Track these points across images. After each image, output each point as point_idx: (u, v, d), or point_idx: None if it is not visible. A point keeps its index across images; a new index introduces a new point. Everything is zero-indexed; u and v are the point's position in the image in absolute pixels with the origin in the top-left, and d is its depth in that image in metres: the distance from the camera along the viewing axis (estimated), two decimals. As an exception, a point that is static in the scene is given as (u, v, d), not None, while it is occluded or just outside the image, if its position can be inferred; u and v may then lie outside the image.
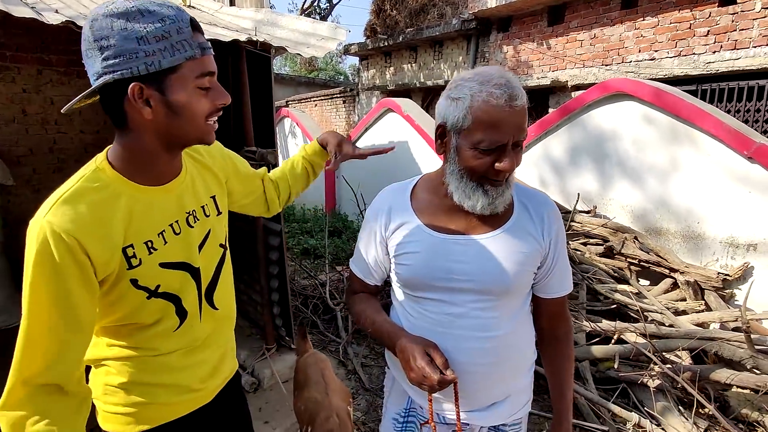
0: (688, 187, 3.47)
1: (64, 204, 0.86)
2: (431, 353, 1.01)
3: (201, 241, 1.07)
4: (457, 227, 1.10)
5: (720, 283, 3.11)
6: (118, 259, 0.91)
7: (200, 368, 1.13)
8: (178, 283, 1.02)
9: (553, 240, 1.11)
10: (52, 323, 0.85)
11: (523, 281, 1.11)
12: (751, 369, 2.56)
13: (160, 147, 0.94)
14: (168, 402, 1.09)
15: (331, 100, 12.97)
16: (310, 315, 3.83)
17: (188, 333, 1.07)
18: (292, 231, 6.77)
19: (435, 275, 1.09)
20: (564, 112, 4.19)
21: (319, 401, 1.99)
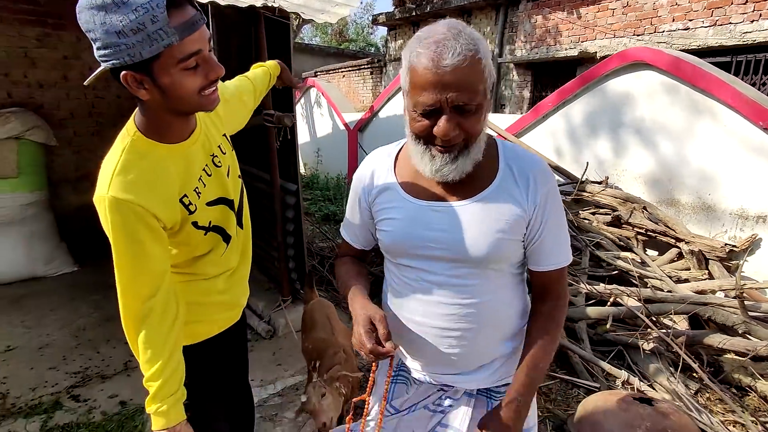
0: (702, 157, 3.45)
1: (120, 177, 0.99)
2: (375, 323, 1.01)
3: (226, 176, 1.26)
4: (437, 193, 1.06)
5: (725, 254, 3.13)
6: (179, 209, 1.10)
7: (239, 287, 1.40)
8: (221, 216, 1.23)
9: (539, 206, 1.02)
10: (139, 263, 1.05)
11: (505, 251, 1.04)
12: (744, 334, 2.62)
13: (169, 116, 1.05)
14: (215, 319, 1.34)
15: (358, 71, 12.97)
16: (326, 274, 4.05)
17: (229, 256, 1.31)
18: (315, 198, 6.99)
19: (412, 243, 1.07)
20: (582, 81, 4.17)
21: (325, 339, 2.20)
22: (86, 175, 5.00)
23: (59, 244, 4.29)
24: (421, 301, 1.10)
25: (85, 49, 4.78)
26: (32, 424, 2.30)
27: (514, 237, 1.04)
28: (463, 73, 0.88)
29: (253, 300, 3.46)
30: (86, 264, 4.39)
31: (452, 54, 0.88)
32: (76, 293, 3.79)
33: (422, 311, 1.10)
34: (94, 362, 2.85)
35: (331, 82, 12.04)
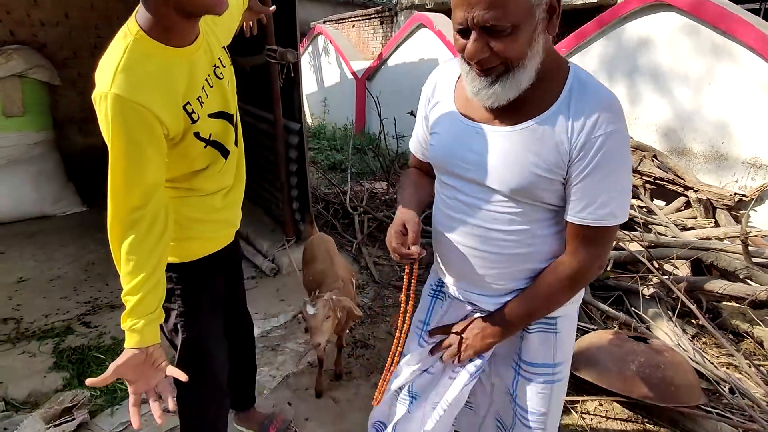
0: (718, 104, 3.34)
1: (123, 75, 0.96)
2: (408, 226, 1.07)
3: (227, 89, 1.24)
4: (486, 116, 1.02)
5: (733, 202, 3.08)
6: (182, 116, 1.07)
7: (234, 207, 1.40)
8: (222, 130, 1.22)
9: (586, 149, 0.91)
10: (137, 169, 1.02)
11: (536, 187, 0.97)
12: (745, 279, 2.62)
13: (177, 15, 1.02)
14: (215, 236, 1.35)
15: (368, 20, 12.52)
16: (331, 218, 4.08)
17: (226, 173, 1.30)
18: (321, 147, 6.94)
19: (450, 161, 1.08)
20: (600, 24, 4.00)
21: (324, 270, 2.24)
22: (91, 116, 4.95)
23: (67, 184, 4.34)
24: (453, 219, 1.11)
25: (87, -14, 4.65)
26: (45, 346, 2.40)
27: (549, 176, 0.96)
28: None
29: (258, 240, 3.50)
30: (94, 205, 4.45)
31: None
32: (85, 231, 3.86)
33: (454, 229, 1.11)
34: (103, 294, 2.94)
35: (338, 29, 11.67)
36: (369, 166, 5.67)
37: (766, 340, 2.56)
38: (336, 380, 2.31)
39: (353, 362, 2.47)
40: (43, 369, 2.22)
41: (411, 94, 6.30)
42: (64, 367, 2.22)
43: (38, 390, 2.09)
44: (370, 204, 4.26)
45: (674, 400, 2.00)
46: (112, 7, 4.87)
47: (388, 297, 3.13)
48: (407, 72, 6.43)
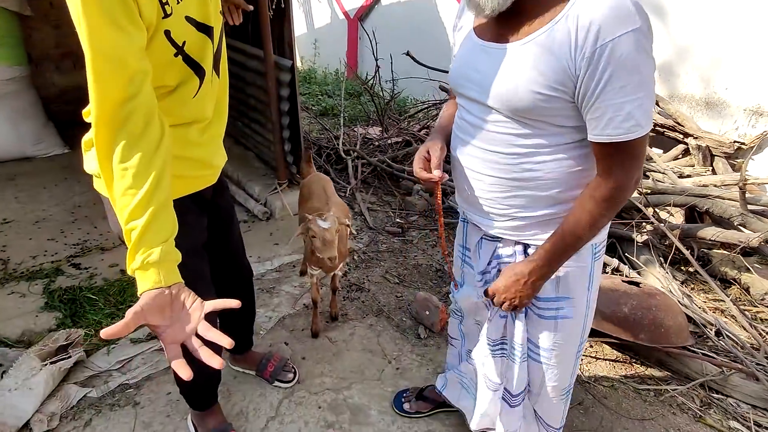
0: (721, 46, 3.22)
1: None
2: (431, 151, 1.15)
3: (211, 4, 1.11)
4: (494, 34, 1.01)
5: (732, 150, 3.06)
6: (156, 3, 0.92)
7: (212, 144, 1.27)
8: (198, 44, 1.07)
9: (590, 60, 0.86)
10: (116, 49, 0.85)
11: (539, 105, 0.94)
12: (738, 226, 2.63)
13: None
14: (191, 175, 1.23)
15: (360, -45, 11.80)
16: (323, 163, 3.99)
17: (203, 99, 1.15)
18: (312, 92, 6.71)
19: (459, 81, 1.11)
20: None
21: (320, 208, 2.19)
22: (68, 53, 4.70)
23: (46, 124, 4.15)
24: (461, 140, 1.15)
25: None
26: (35, 286, 2.37)
27: (551, 93, 0.92)
28: None
29: (250, 184, 3.42)
30: (77, 147, 4.28)
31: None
32: (69, 173, 3.73)
33: (460, 151, 1.16)
34: (92, 236, 2.88)
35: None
36: (363, 109, 5.50)
37: (753, 286, 2.62)
38: (332, 321, 2.33)
39: (348, 305, 2.48)
40: (35, 309, 2.20)
41: (407, 35, 6.04)
42: (56, 308, 2.19)
43: (31, 329, 2.08)
44: (364, 149, 4.16)
45: (664, 341, 2.05)
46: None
47: (383, 242, 3.12)
48: (403, 11, 6.12)
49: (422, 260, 2.91)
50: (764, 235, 2.43)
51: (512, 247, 1.19)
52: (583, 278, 1.18)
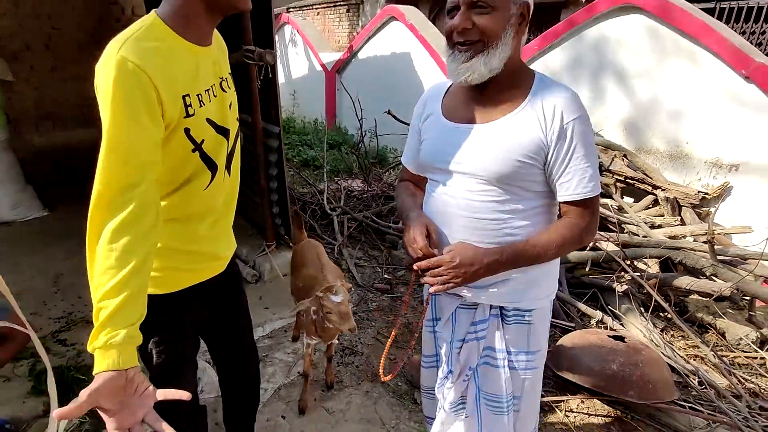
0: (682, 104, 3.50)
1: (135, 42, 0.96)
2: (430, 230, 1.19)
3: (229, 108, 1.22)
4: (467, 116, 1.19)
5: (698, 201, 3.26)
6: (180, 105, 1.02)
7: (221, 238, 1.31)
8: (215, 143, 1.16)
9: (561, 136, 1.09)
10: (132, 141, 0.93)
11: (518, 172, 1.12)
12: (710, 276, 2.79)
13: (203, 7, 1.04)
14: (194, 268, 1.25)
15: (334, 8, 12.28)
16: (309, 219, 4.04)
17: (212, 195, 1.21)
18: (292, 143, 6.82)
19: (439, 157, 1.22)
20: (570, 24, 4.08)
21: (315, 276, 2.21)
22: (48, 114, 4.70)
23: (25, 187, 4.09)
24: (443, 213, 1.23)
25: (36, -27, 4.34)
26: (20, 368, 2.29)
27: (529, 161, 1.11)
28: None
29: (238, 246, 3.41)
30: (56, 209, 4.23)
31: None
32: (50, 239, 3.66)
33: (443, 223, 1.23)
34: (77, 307, 2.82)
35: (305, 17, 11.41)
36: (344, 162, 5.62)
37: (728, 331, 2.75)
38: (328, 390, 2.32)
39: (342, 370, 2.48)
40: (22, 394, 2.12)
41: (383, 88, 6.27)
42: (43, 391, 2.12)
43: (19, 417, 2.00)
44: (348, 204, 4.24)
45: (653, 397, 2.12)
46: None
47: (372, 300, 3.15)
48: (379, 65, 6.38)
49: (413, 318, 2.95)
50: (734, 286, 2.58)
51: (488, 311, 1.29)
52: (545, 327, 1.34)
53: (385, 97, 5.92)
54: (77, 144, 4.83)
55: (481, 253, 1.13)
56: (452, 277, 1.13)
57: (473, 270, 1.12)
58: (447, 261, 1.13)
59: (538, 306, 1.29)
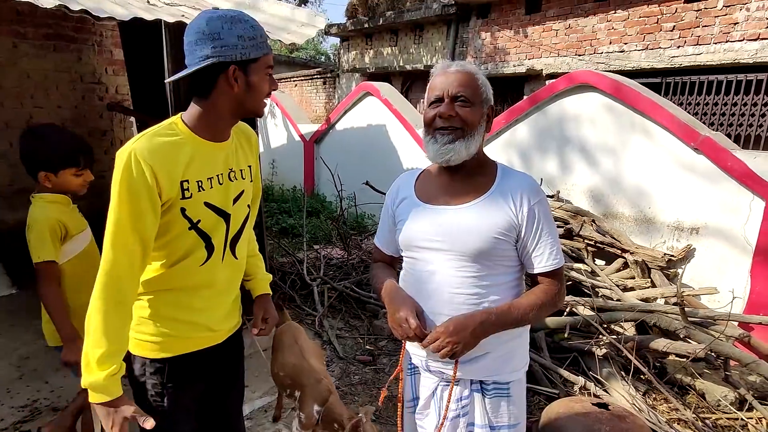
0: (641, 173, 3.75)
1: (146, 139, 1.17)
2: (419, 314, 1.26)
3: (236, 195, 1.34)
4: (442, 199, 1.32)
5: (665, 263, 3.41)
6: (177, 188, 1.19)
7: (217, 311, 1.37)
8: (212, 223, 1.28)
9: (528, 217, 1.24)
10: (129, 228, 1.14)
11: (494, 248, 1.24)
12: (684, 338, 2.87)
13: (229, 112, 1.24)
14: (188, 336, 1.33)
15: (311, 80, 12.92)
16: (288, 290, 4.01)
17: (211, 270, 1.31)
18: (271, 210, 6.88)
19: (417, 236, 1.32)
20: (533, 101, 4.41)
21: (297, 365, 2.16)
22: (22, 189, 4.66)
23: (-4, 266, 3.97)
24: (421, 288, 1.30)
25: (23, 56, 4.49)
26: (-24, 467, 2.12)
27: (503, 238, 1.24)
28: (461, 77, 1.25)
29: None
30: (26, 287, 4.09)
31: (457, 66, 1.28)
32: (16, 319, 3.51)
33: (424, 297, 1.29)
34: (42, 394, 2.67)
35: (283, 91, 11.91)
36: (322, 229, 5.68)
37: (707, 392, 2.79)
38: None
39: (326, 452, 2.38)
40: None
41: (361, 158, 6.50)
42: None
43: None
44: (328, 273, 4.25)
45: (640, 467, 2.11)
46: (51, 77, 4.72)
47: (355, 373, 3.09)
48: (356, 136, 6.65)
49: (396, 391, 2.89)
50: (707, 347, 2.66)
51: (469, 386, 1.33)
52: (523, 399, 1.40)
53: (363, 166, 6.13)
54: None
55: (470, 316, 1.21)
56: (453, 344, 1.19)
57: (470, 331, 1.19)
58: (442, 331, 1.19)
59: (515, 378, 1.36)
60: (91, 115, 4.95)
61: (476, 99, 1.26)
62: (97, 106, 4.97)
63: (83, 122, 4.95)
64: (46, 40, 4.63)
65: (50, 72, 4.69)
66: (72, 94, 4.86)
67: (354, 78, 10.97)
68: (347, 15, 11.15)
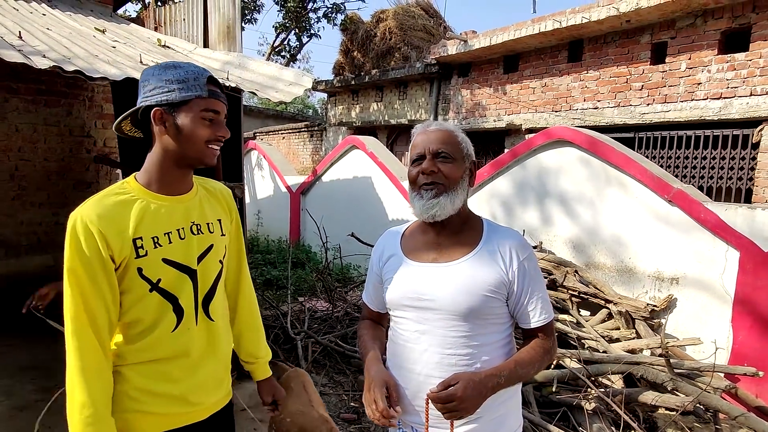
0: (619, 225, 3.85)
1: (93, 202, 1.15)
2: (389, 388, 1.22)
3: (203, 251, 1.27)
4: (430, 257, 1.30)
5: (648, 313, 3.43)
6: (129, 247, 1.15)
7: (195, 382, 1.26)
8: (176, 281, 1.21)
9: (518, 272, 1.23)
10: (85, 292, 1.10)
11: (484, 305, 1.21)
12: (672, 390, 2.84)
13: (171, 160, 1.21)
14: (164, 412, 1.21)
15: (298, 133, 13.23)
16: (271, 344, 3.91)
17: (185, 336, 1.22)
18: (255, 262, 6.82)
19: (406, 295, 1.29)
20: (513, 155, 4.57)
21: (305, 413, 2.09)
22: (2, 242, 4.58)
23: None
24: (411, 350, 1.28)
25: (12, 110, 4.55)
26: None
27: (494, 295, 1.23)
28: (441, 134, 1.28)
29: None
30: None
31: (436, 125, 1.31)
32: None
33: (413, 359, 1.27)
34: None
35: (271, 144, 12.14)
36: (306, 281, 5.63)
37: (700, 447, 2.73)
38: None
39: None
40: None
41: (346, 210, 6.57)
42: None
43: None
44: (312, 326, 4.17)
45: None
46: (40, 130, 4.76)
47: (339, 433, 2.97)
48: (341, 188, 6.75)
49: (383, 453, 2.78)
50: (695, 400, 2.64)
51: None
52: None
53: (348, 217, 6.19)
54: (29, 272, 4.66)
55: (482, 382, 1.16)
56: (464, 411, 1.14)
57: (482, 396, 1.15)
58: (459, 396, 1.12)
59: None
60: (78, 168, 4.97)
61: (457, 155, 1.27)
62: (84, 159, 5.00)
63: (69, 174, 4.96)
64: (38, 96, 4.72)
65: (39, 125, 4.75)
66: (59, 147, 4.90)
67: (340, 131, 11.27)
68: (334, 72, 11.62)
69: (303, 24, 12.87)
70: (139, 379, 1.18)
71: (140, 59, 2.83)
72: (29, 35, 2.62)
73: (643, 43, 6.15)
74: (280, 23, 13.07)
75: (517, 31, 6.99)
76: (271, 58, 13.61)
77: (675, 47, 5.83)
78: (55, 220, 4.88)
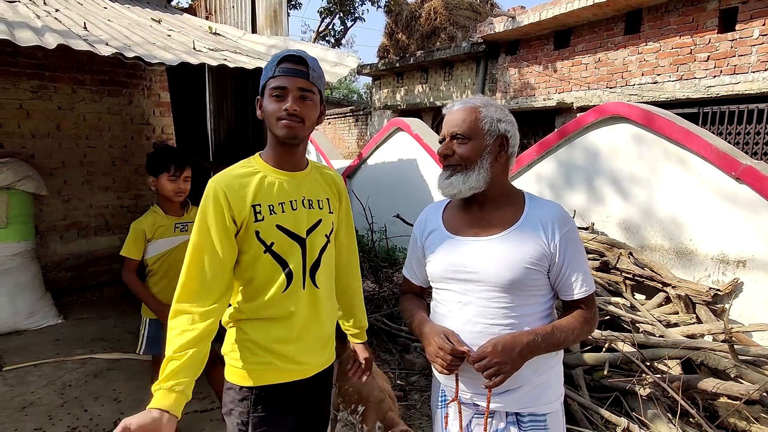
0: (679, 205, 3.63)
1: (224, 174, 1.35)
2: (449, 336, 1.27)
3: (312, 224, 1.41)
4: (472, 231, 1.34)
5: (710, 298, 3.24)
6: (248, 211, 1.32)
7: (304, 343, 1.41)
8: (287, 247, 1.37)
9: (560, 245, 1.25)
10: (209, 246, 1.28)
11: (527, 278, 1.25)
12: (735, 378, 2.68)
13: (272, 139, 1.37)
14: (276, 368, 1.37)
15: (344, 118, 13.34)
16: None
17: (294, 297, 1.37)
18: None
19: (448, 268, 1.33)
20: (562, 134, 4.40)
21: (366, 383, 2.19)
22: (74, 223, 4.95)
23: (44, 296, 4.18)
24: (455, 320, 1.31)
25: (80, 100, 4.86)
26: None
27: (536, 267, 1.25)
28: (460, 114, 1.31)
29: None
30: (70, 316, 4.28)
31: (459, 104, 1.34)
32: (61, 348, 3.67)
33: (456, 329, 1.29)
34: (81, 422, 2.74)
35: (317, 129, 12.32)
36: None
37: (766, 439, 2.58)
38: None
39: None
40: None
41: (391, 192, 6.58)
42: None
43: None
44: (359, 305, 4.25)
45: None
46: (105, 119, 5.07)
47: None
48: (387, 171, 6.76)
49: (428, 429, 2.81)
50: (762, 388, 2.48)
51: (505, 419, 1.31)
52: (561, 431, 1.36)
53: (394, 199, 6.20)
54: (98, 252, 5.02)
55: (516, 336, 1.21)
56: (501, 365, 1.17)
57: (517, 351, 1.18)
58: (490, 351, 1.18)
59: (552, 410, 1.33)
60: (139, 153, 5.26)
61: (475, 133, 1.29)
62: (144, 145, 5.28)
63: (131, 160, 5.27)
64: (102, 86, 5.02)
65: (104, 114, 5.05)
66: (122, 134, 5.20)
67: (385, 115, 11.25)
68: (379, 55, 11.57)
69: (347, 7, 12.87)
70: (254, 333, 1.36)
71: (193, 46, 2.94)
72: (93, 26, 2.79)
73: (709, 10, 5.71)
74: (325, 7, 13.13)
75: (569, 4, 6.67)
76: (317, 43, 13.73)
77: (747, 12, 5.36)
78: (119, 203, 5.22)
